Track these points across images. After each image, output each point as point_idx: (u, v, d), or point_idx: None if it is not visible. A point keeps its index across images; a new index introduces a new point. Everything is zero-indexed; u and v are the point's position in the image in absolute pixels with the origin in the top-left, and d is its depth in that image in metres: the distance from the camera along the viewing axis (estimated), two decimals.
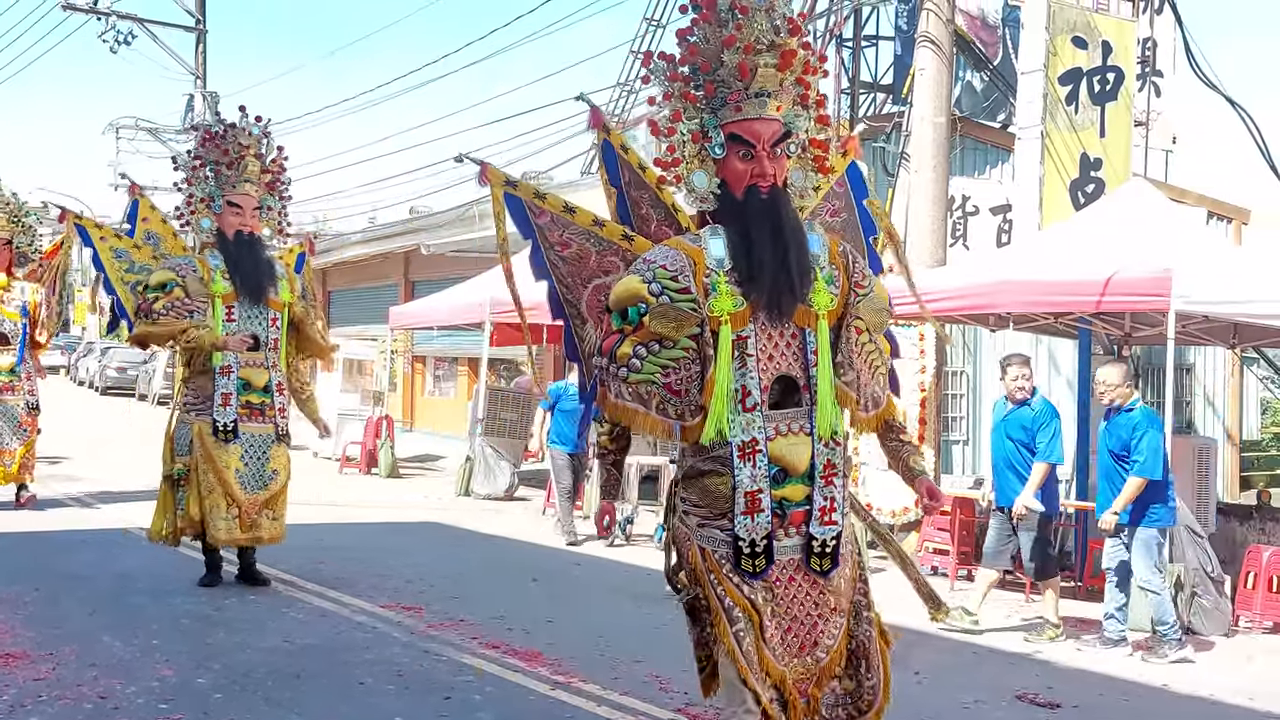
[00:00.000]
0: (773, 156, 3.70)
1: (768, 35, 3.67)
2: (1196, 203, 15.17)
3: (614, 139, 4.14)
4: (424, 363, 22.74)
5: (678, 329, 3.60)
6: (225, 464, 7.73)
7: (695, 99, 3.75)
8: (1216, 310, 8.93)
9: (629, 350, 3.62)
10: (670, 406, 3.62)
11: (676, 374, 3.62)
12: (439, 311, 16.04)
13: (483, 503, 14.06)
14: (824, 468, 3.73)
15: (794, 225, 3.73)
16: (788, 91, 3.76)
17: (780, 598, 3.68)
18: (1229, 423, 16.65)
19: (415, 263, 21.59)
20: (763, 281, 3.62)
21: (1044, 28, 11.74)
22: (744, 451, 3.65)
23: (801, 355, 3.73)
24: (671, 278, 3.61)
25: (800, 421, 3.71)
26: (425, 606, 7.65)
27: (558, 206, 4.01)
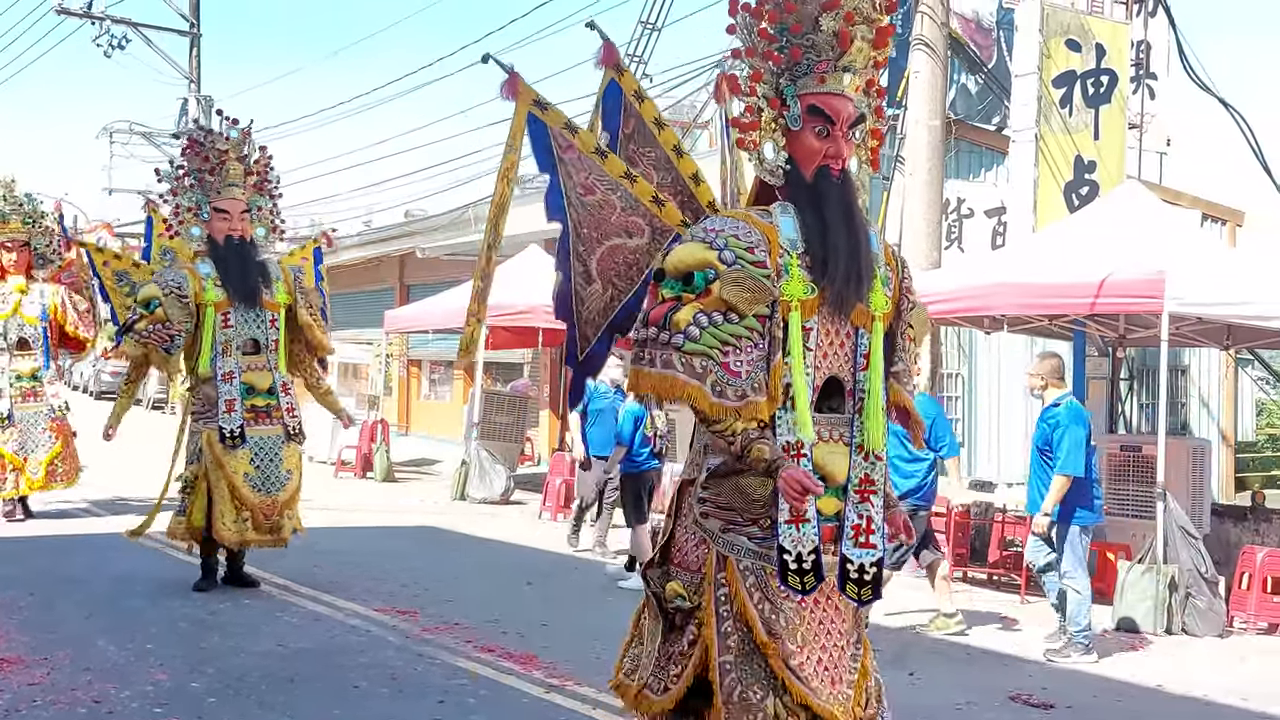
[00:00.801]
0: (847, 138, 3.42)
1: (867, 7, 3.37)
2: (1191, 205, 15.20)
3: (626, 82, 3.79)
4: (419, 366, 22.71)
5: (751, 301, 3.24)
6: (234, 469, 7.75)
7: (779, 60, 3.40)
8: (1210, 312, 8.95)
9: (688, 316, 3.22)
10: (729, 388, 3.21)
11: (736, 355, 3.23)
12: (434, 315, 16.04)
13: (478, 506, 14.05)
14: (861, 482, 3.42)
15: (862, 217, 3.46)
16: (866, 73, 3.47)
17: (809, 622, 3.32)
18: (1224, 424, 16.67)
19: (410, 266, 21.58)
20: (835, 271, 3.31)
21: (1038, 30, 11.76)
22: (788, 453, 3.30)
23: (852, 358, 3.44)
24: (747, 249, 3.27)
25: (841, 429, 3.42)
26: (420, 610, 7.64)
27: (589, 146, 3.59)
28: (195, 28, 25.85)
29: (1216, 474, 14.46)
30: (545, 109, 3.61)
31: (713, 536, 3.38)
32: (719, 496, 3.40)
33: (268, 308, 8.00)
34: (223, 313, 7.83)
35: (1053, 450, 7.34)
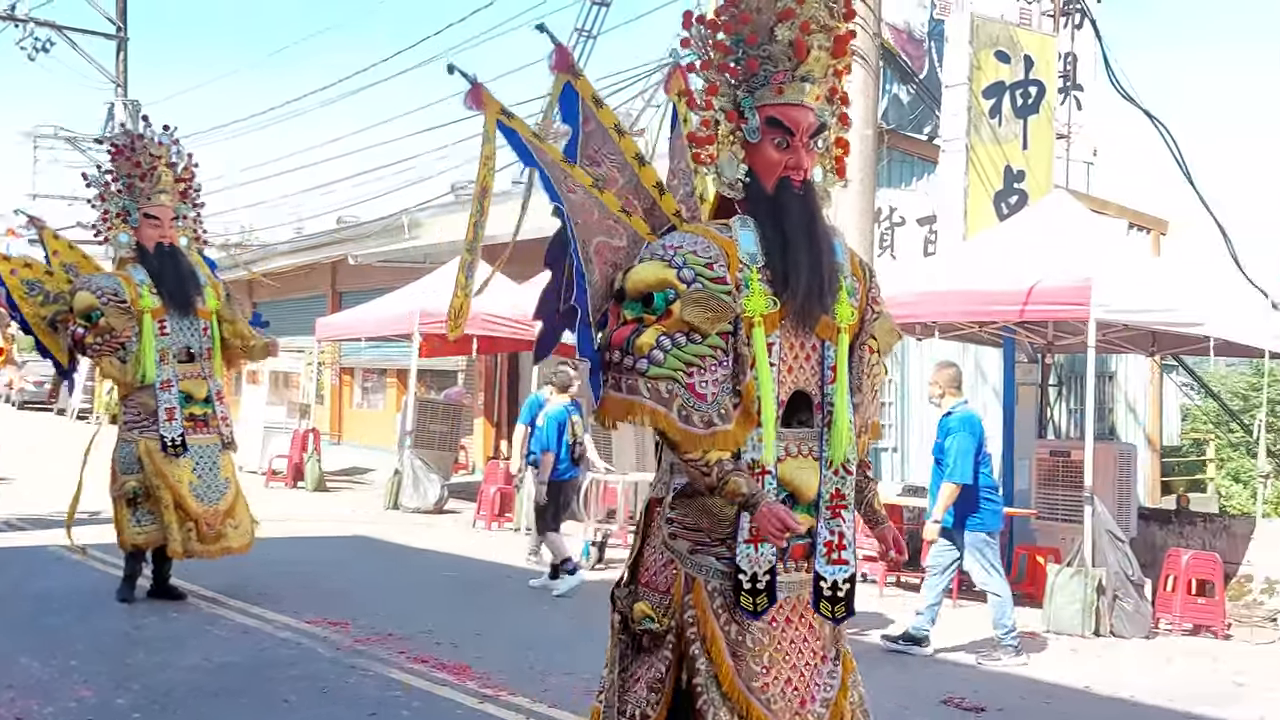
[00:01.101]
0: (808, 149, 3.35)
1: (823, 15, 3.31)
2: (1117, 214, 15.49)
3: (583, 87, 3.68)
4: (352, 374, 22.50)
5: (713, 321, 3.16)
6: (178, 479, 7.66)
7: (735, 72, 3.35)
8: (1135, 319, 9.13)
9: (651, 340, 3.14)
10: (695, 413, 3.13)
11: (701, 375, 3.15)
12: (367, 323, 15.89)
13: (412, 516, 13.92)
14: (831, 498, 3.34)
15: (825, 227, 3.38)
16: (826, 82, 3.40)
17: (779, 641, 3.27)
18: (1150, 429, 17.01)
19: (343, 273, 21.38)
20: (797, 284, 3.25)
21: (968, 42, 11.91)
22: (753, 471, 3.21)
23: (819, 370, 3.36)
24: (706, 265, 3.20)
25: (810, 444, 3.34)
26: (352, 621, 7.54)
27: (556, 156, 3.50)
28: (122, 31, 25.40)
29: (1142, 478, 14.74)
30: (511, 118, 3.54)
31: (681, 558, 3.31)
32: (686, 517, 3.33)
33: (201, 315, 7.92)
34: (159, 320, 7.72)
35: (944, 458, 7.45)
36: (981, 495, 7.46)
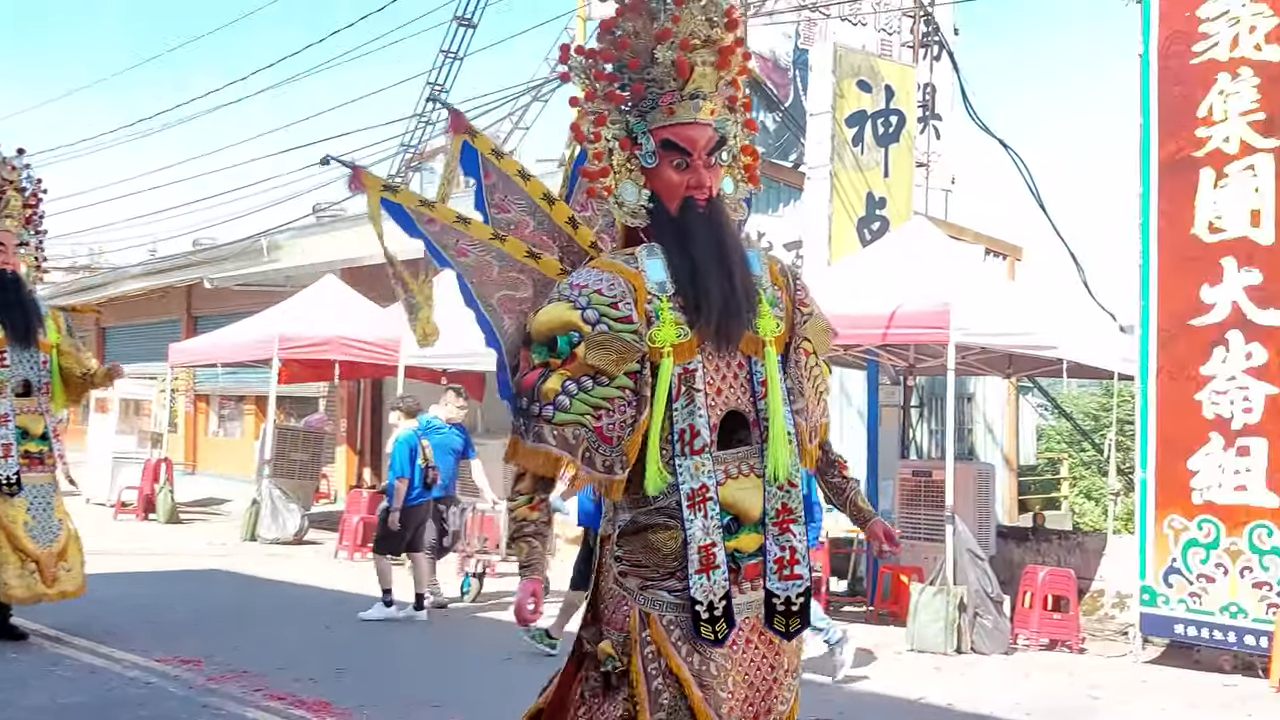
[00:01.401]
0: (709, 165, 3.27)
1: (704, 29, 3.24)
2: (974, 240, 15.95)
3: (480, 143, 3.66)
4: (207, 402, 21.84)
5: (618, 363, 3.11)
6: (12, 519, 7.23)
7: (622, 100, 3.29)
8: (993, 342, 9.36)
9: (556, 385, 3.10)
10: (598, 456, 3.12)
11: (609, 416, 3.12)
12: (223, 348, 15.38)
13: (270, 547, 13.48)
14: (778, 513, 3.28)
15: (736, 242, 3.32)
16: (721, 94, 3.34)
17: (739, 662, 3.23)
18: (1007, 449, 17.50)
19: (198, 297, 20.74)
20: (710, 308, 3.17)
21: (831, 71, 12.15)
22: (693, 500, 3.17)
23: (749, 387, 3.29)
24: (610, 304, 3.14)
25: (751, 461, 3.28)
26: (206, 658, 7.22)
27: (449, 217, 3.47)
28: None
29: (1000, 497, 15.14)
30: (396, 191, 3.55)
31: (632, 595, 3.23)
32: (632, 554, 3.25)
33: (41, 348, 7.53)
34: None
35: None
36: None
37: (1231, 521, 7.75)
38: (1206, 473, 7.89)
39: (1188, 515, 7.95)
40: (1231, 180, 7.87)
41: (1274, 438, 7.62)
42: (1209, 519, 7.86)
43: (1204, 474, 7.90)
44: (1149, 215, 8.26)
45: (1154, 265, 8.22)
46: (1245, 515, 7.70)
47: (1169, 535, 8.04)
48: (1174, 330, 8.10)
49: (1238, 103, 7.85)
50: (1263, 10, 7.78)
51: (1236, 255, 7.82)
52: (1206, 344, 7.91)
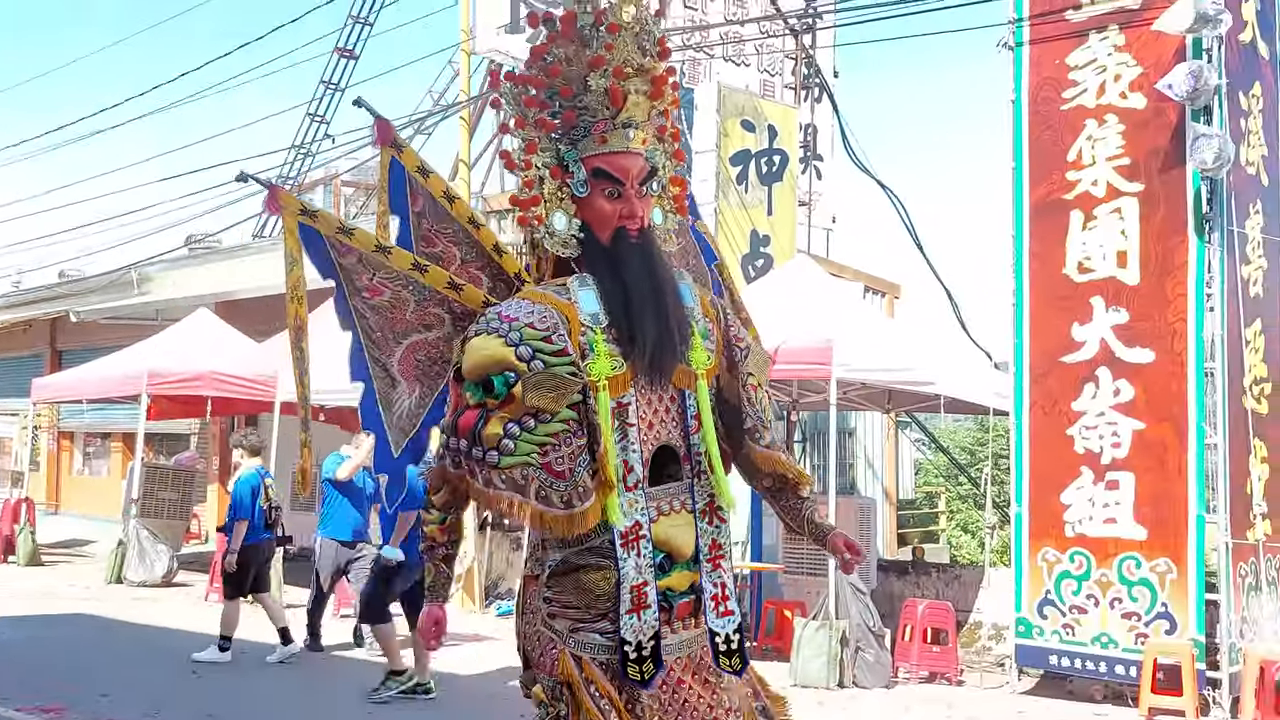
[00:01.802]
0: (641, 195, 3.21)
1: (636, 57, 3.19)
2: (854, 278, 16.22)
3: (407, 158, 3.53)
4: (72, 439, 21.00)
5: (558, 400, 3.01)
6: None
7: (553, 127, 3.21)
8: (873, 378, 9.50)
9: (498, 430, 3.00)
10: (554, 493, 2.99)
11: (556, 451, 3.01)
12: (89, 383, 14.77)
13: (137, 590, 12.95)
14: (710, 549, 3.20)
15: (669, 274, 3.25)
16: (652, 123, 3.28)
17: (669, 705, 3.11)
18: (887, 483, 17.77)
19: (64, 331, 19.97)
20: (645, 340, 3.09)
21: (715, 111, 12.28)
22: (627, 539, 3.06)
23: (681, 421, 3.21)
24: (543, 339, 3.03)
25: (682, 497, 3.19)
26: (68, 707, 6.92)
27: (369, 245, 3.32)
28: None
29: (881, 531, 15.34)
30: (314, 215, 3.36)
31: (562, 638, 3.10)
32: (563, 595, 3.12)
33: None
34: None
35: None
36: None
37: (1101, 553, 7.96)
38: (1078, 506, 8.09)
39: (1060, 548, 8.13)
40: (1100, 222, 8.13)
41: (1141, 472, 7.86)
42: (1080, 551, 8.05)
43: (1075, 507, 8.10)
44: (1021, 255, 8.49)
45: (1026, 304, 8.45)
46: (1114, 547, 7.91)
47: (1043, 567, 8.21)
48: (1046, 367, 8.31)
49: (1105, 148, 8.13)
50: (1127, 60, 8.08)
51: (1105, 295, 8.07)
52: (1077, 380, 8.14)
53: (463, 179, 11.91)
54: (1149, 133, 7.98)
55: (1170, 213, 7.87)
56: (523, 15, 11.54)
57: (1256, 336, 8.20)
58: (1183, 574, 7.65)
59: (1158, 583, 7.73)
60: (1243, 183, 8.15)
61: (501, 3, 11.59)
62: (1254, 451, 8.09)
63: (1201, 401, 7.70)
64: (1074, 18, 8.33)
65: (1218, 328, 7.75)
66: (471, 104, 12.88)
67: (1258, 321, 8.22)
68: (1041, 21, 8.47)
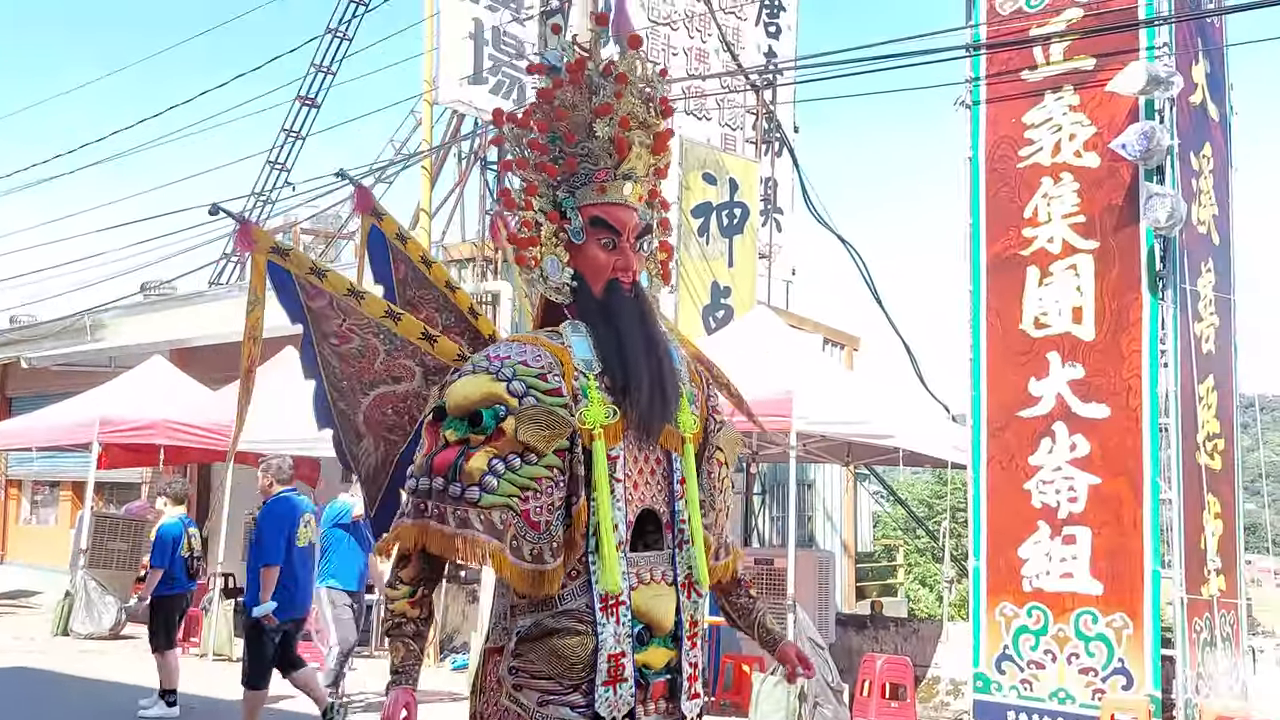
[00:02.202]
0: (635, 249, 3.12)
1: (641, 111, 3.13)
2: (813, 330, 16.31)
3: (387, 226, 3.49)
4: (19, 487, 20.60)
5: (550, 439, 2.85)
6: None
7: (554, 172, 3.12)
8: (832, 430, 9.51)
9: (482, 464, 2.81)
10: (525, 544, 2.81)
11: (537, 499, 2.83)
12: (39, 430, 14.51)
13: (84, 643, 12.66)
14: (689, 625, 3.02)
15: (660, 331, 3.14)
16: (648, 181, 3.20)
17: None
18: (845, 536, 17.77)
19: (15, 377, 19.64)
20: (639, 391, 2.95)
21: (678, 164, 12.35)
22: (606, 603, 2.88)
23: (666, 486, 3.05)
24: (538, 376, 2.91)
25: (663, 567, 3.00)
26: None
27: (341, 288, 3.21)
28: None
29: (840, 584, 15.32)
30: (286, 255, 3.24)
31: (529, 713, 2.87)
32: (533, 664, 2.90)
33: None
34: None
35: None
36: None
37: (1059, 608, 7.97)
38: (1035, 560, 8.10)
39: (1018, 602, 8.14)
40: (1055, 279, 8.23)
41: (1097, 527, 7.89)
42: (1038, 606, 8.06)
43: (1033, 562, 8.11)
44: (979, 310, 8.56)
45: (984, 358, 8.51)
46: (1071, 602, 7.93)
47: (1001, 622, 8.21)
48: (1003, 421, 8.36)
49: (1060, 205, 8.24)
50: (1082, 119, 8.22)
51: (1061, 350, 8.15)
52: (1034, 435, 8.19)
53: (423, 227, 11.88)
54: (1103, 191, 8.10)
55: (1125, 270, 7.98)
56: (486, 66, 11.61)
57: (1209, 393, 8.30)
58: (1139, 629, 7.67)
59: (1114, 638, 7.74)
60: (1194, 241, 8.29)
61: (465, 54, 11.64)
62: (1207, 507, 8.16)
63: (1156, 457, 7.76)
64: (1030, 78, 8.47)
65: (1172, 384, 7.84)
66: (433, 153, 12.89)
67: (1210, 378, 8.32)
68: (998, 81, 8.62)
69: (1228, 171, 9.04)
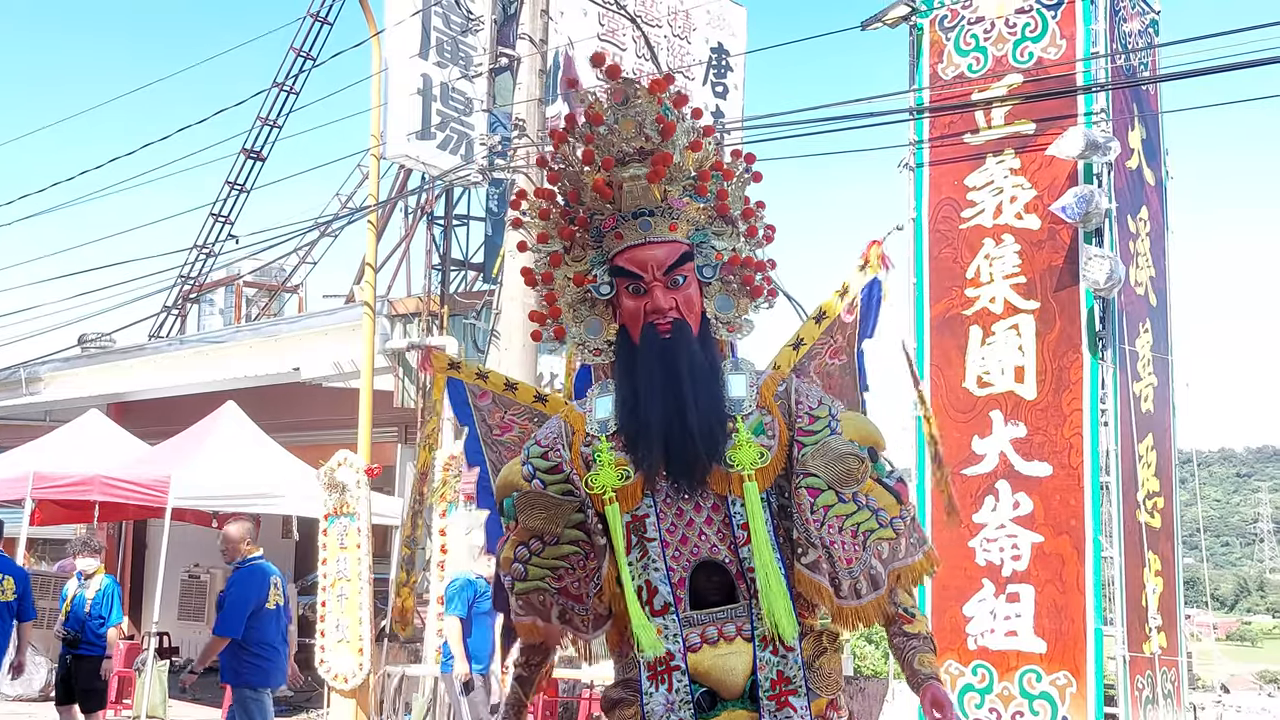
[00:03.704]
0: (671, 286, 2.90)
1: (633, 142, 2.93)
2: None
3: (464, 374, 3.38)
4: None
5: (552, 520, 2.83)
6: None
7: (571, 235, 3.03)
8: None
9: (510, 553, 2.89)
10: (575, 616, 2.86)
11: (571, 575, 2.83)
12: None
13: (12, 705, 12.28)
14: (773, 684, 2.77)
15: (699, 367, 2.87)
16: (685, 206, 2.97)
17: None
18: None
19: None
20: (650, 443, 2.79)
21: None
22: (654, 670, 2.77)
23: (729, 533, 2.82)
24: (542, 455, 2.90)
25: (738, 622, 2.81)
26: None
27: (499, 385, 3.33)
28: None
29: None
30: (458, 368, 3.40)
31: None
32: None
33: None
34: None
35: None
36: (254, 650, 7.37)
37: (1003, 666, 7.99)
38: (980, 619, 8.14)
39: (963, 660, 8.15)
40: (998, 338, 8.34)
41: (1040, 584, 7.95)
42: (983, 664, 8.08)
43: (978, 620, 8.14)
44: (922, 368, 8.65)
45: None
46: (1016, 660, 7.96)
47: (946, 680, 8.20)
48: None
49: (1002, 266, 8.37)
50: (1023, 183, 8.39)
51: (1003, 408, 8.24)
52: (978, 493, 8.25)
53: (369, 282, 11.82)
54: (1044, 253, 8.25)
55: (1065, 330, 8.10)
56: (434, 122, 11.62)
57: (1148, 451, 8.42)
58: (1082, 687, 7.71)
59: (1058, 696, 7.77)
60: (1132, 302, 8.45)
61: (413, 109, 11.65)
62: (1148, 564, 8.25)
63: (1098, 515, 7.85)
64: (972, 141, 8.64)
65: (1112, 442, 7.95)
66: (380, 208, 12.85)
67: (1149, 436, 8.45)
68: (941, 144, 8.78)
69: (1164, 234, 9.25)
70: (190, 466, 11.20)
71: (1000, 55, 8.53)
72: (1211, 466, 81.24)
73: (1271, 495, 78.68)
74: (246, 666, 7.24)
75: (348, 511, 10.27)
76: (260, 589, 7.33)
